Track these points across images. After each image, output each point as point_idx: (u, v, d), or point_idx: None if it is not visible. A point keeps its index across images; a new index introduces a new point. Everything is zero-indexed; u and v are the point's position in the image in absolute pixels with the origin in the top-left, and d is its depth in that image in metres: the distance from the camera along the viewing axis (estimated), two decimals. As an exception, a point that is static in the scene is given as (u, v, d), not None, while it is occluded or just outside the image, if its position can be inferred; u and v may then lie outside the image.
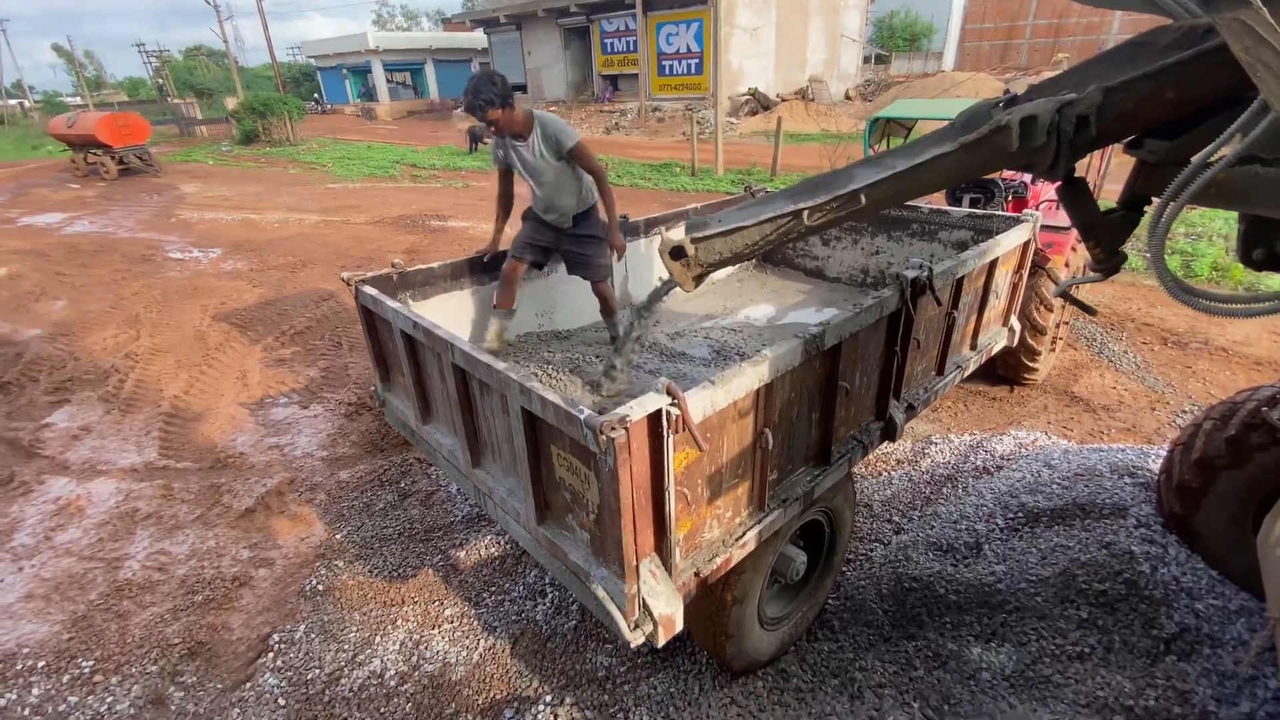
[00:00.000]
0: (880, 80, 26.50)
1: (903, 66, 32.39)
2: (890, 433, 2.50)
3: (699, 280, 1.88)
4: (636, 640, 1.61)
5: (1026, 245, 3.21)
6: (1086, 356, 5.59)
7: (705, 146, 14.47)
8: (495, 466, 2.11)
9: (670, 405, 1.47)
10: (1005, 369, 4.80)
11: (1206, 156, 1.32)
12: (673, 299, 4.39)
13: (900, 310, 2.26)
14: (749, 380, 1.68)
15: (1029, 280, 3.72)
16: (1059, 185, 1.72)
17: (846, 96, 24.72)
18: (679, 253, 1.76)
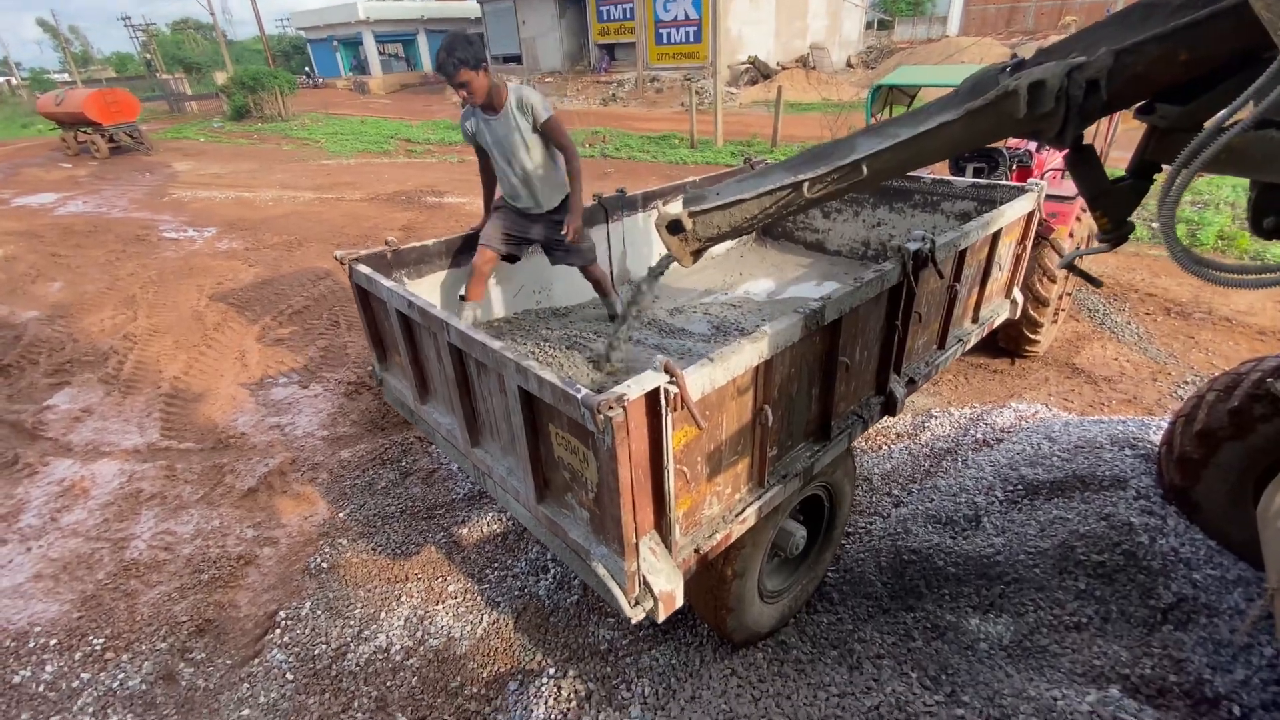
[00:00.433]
0: (883, 47, 25.93)
1: (906, 32, 31.66)
2: (890, 407, 2.49)
3: (697, 255, 1.85)
4: (637, 616, 1.62)
5: (1031, 215, 3.16)
6: (1089, 328, 5.56)
7: (704, 117, 14.21)
8: (494, 445, 2.10)
9: (668, 383, 1.46)
10: (1006, 341, 4.78)
11: (1221, 121, 1.28)
12: (672, 275, 4.35)
13: (901, 283, 2.22)
14: (748, 357, 1.66)
15: (1032, 251, 3.67)
16: (1066, 153, 1.68)
17: (848, 64, 24.21)
18: (676, 227, 1.72)
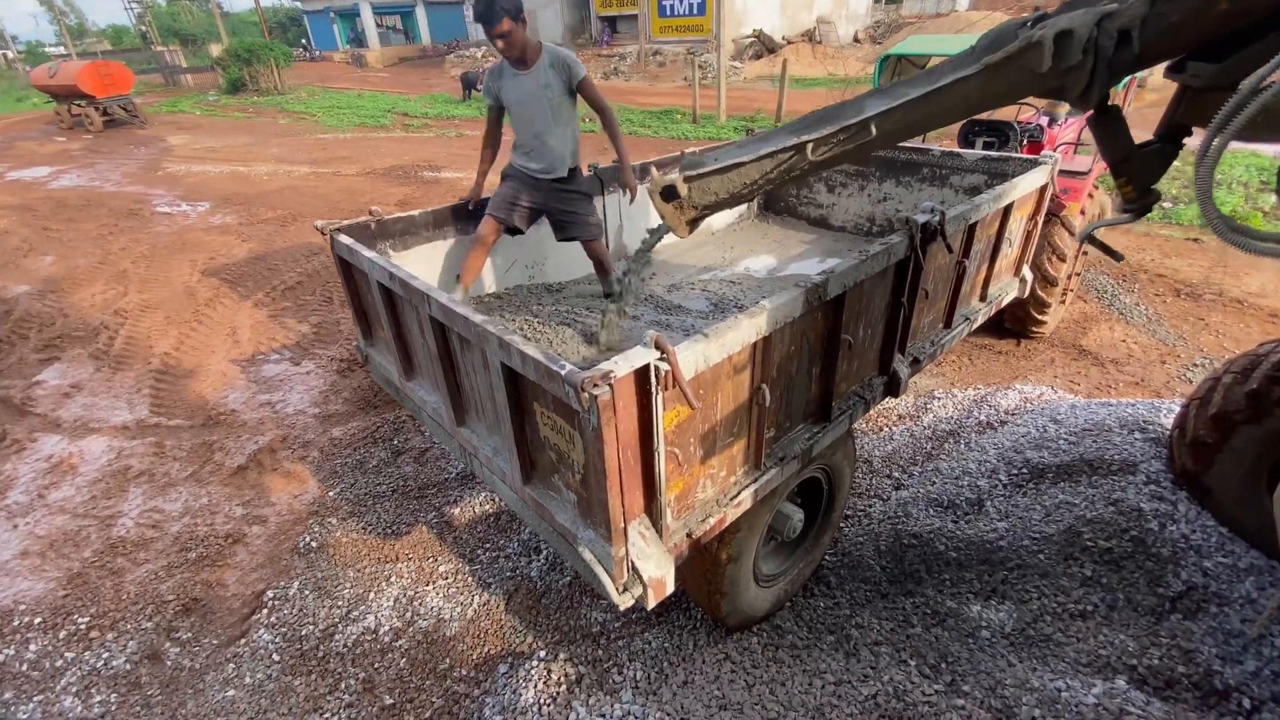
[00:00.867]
0: (891, 21, 25.34)
1: (915, 6, 30.91)
2: (894, 388, 2.40)
3: (693, 225, 1.74)
4: (625, 603, 1.55)
5: (1044, 190, 3.04)
6: (1096, 309, 5.45)
7: (707, 92, 13.92)
8: (480, 425, 2.02)
9: (659, 360, 1.36)
10: (1012, 321, 4.67)
11: (1259, 81, 1.16)
12: (670, 250, 4.23)
13: (909, 258, 2.12)
14: (745, 333, 1.56)
15: (1042, 229, 3.55)
16: (1090, 116, 1.56)
17: (855, 39, 23.68)
18: (670, 194, 1.61)
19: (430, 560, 3.15)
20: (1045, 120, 5.48)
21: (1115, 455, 2.72)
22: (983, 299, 3.00)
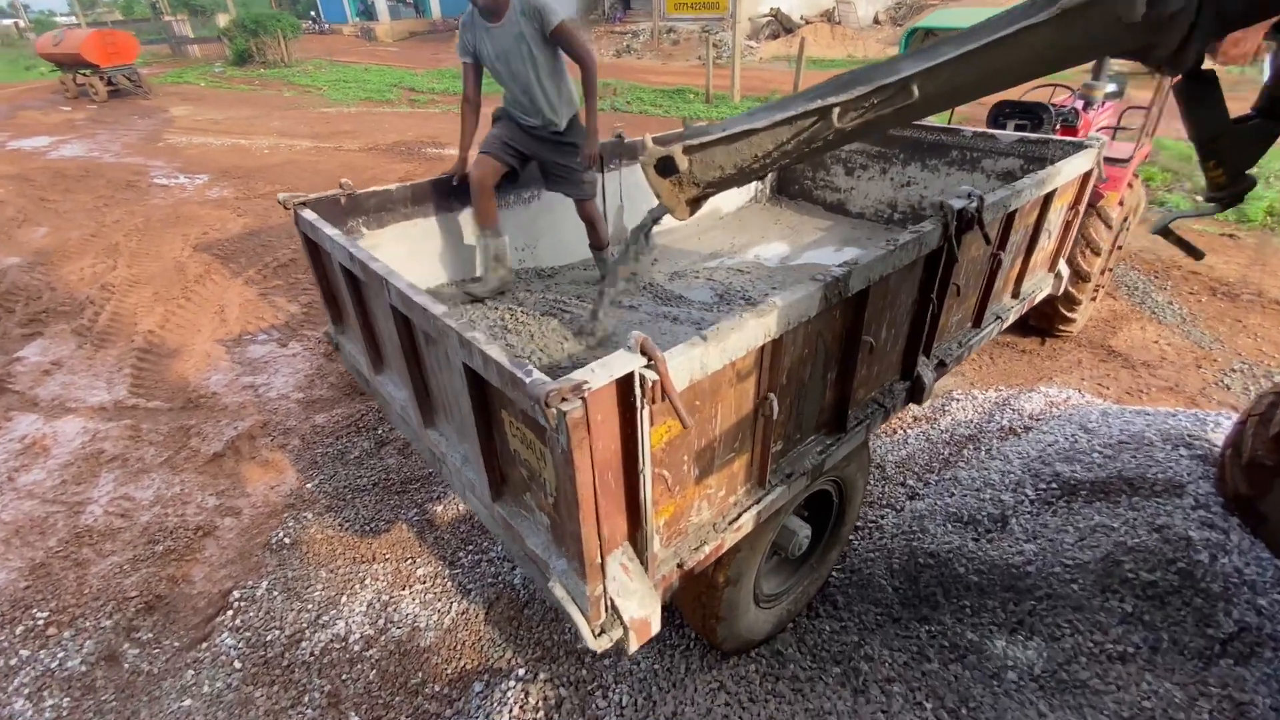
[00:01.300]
0: (913, 3, 24.57)
1: (939, -12, 29.96)
2: (917, 394, 2.15)
3: (695, 206, 1.49)
4: (601, 647, 1.33)
5: (1087, 176, 2.75)
6: (1127, 307, 5.15)
7: (721, 72, 13.49)
8: (449, 428, 1.79)
9: (645, 368, 1.12)
10: (1038, 319, 4.38)
11: None
12: (672, 233, 3.95)
13: (941, 249, 1.85)
14: (751, 335, 1.32)
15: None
16: (1178, 84, 1.29)
17: (875, 20, 22.98)
18: (668, 168, 1.36)
19: (408, 562, 2.95)
20: (1081, 103, 5.15)
21: (1158, 474, 2.47)
22: (1015, 295, 2.73)
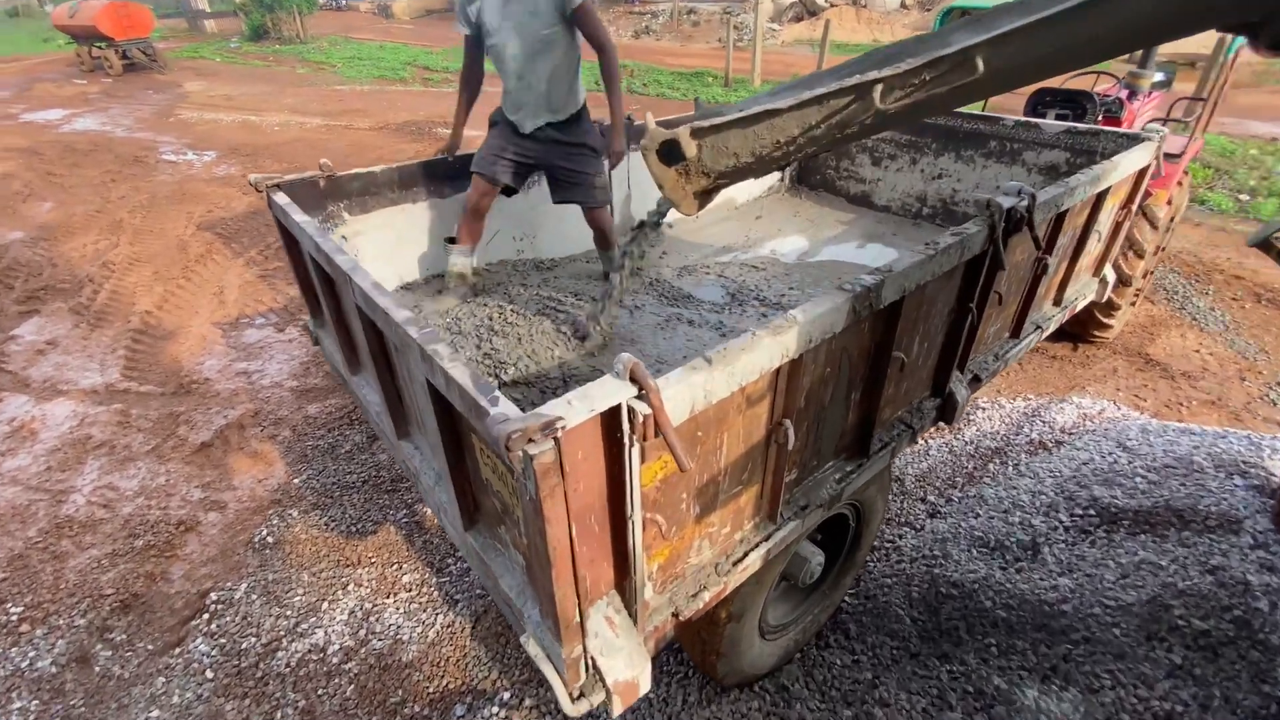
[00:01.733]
0: (944, -14, 23.79)
1: (970, -29, 29.04)
2: (948, 413, 1.94)
3: (704, 199, 1.28)
4: (579, 712, 1.15)
5: (1143, 173, 2.49)
6: (1165, 312, 4.86)
7: (742, 55, 13.11)
8: (423, 441, 1.61)
9: (636, 398, 0.93)
10: (1072, 323, 4.10)
11: None
12: (681, 225, 3.71)
13: (985, 253, 1.63)
14: (766, 356, 1.12)
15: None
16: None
17: (903, 4, 22.27)
18: (673, 154, 1.15)
19: (394, 567, 2.80)
20: (1125, 93, 4.82)
21: (1211, 506, 2.24)
22: (1057, 303, 2.49)
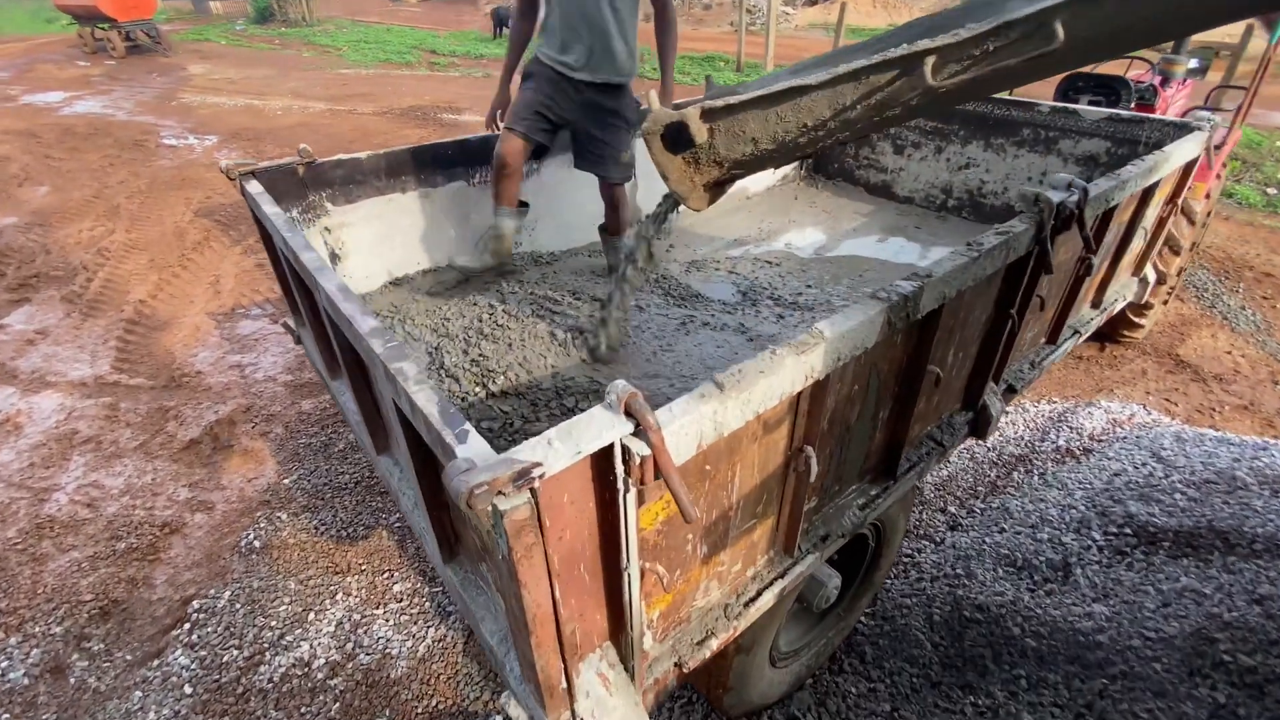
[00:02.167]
0: (961, -30, 23.21)
1: (989, -45, 28.30)
2: (981, 427, 1.77)
3: (715, 192, 1.11)
4: (567, 782, 1.00)
5: (1191, 165, 2.29)
6: (1195, 311, 4.65)
7: (755, 39, 12.81)
8: (402, 457, 1.46)
9: (632, 435, 0.77)
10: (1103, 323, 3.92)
11: None
12: (689, 215, 3.53)
13: (1030, 254, 1.45)
14: (788, 379, 0.95)
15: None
16: None
17: (921, -12, 21.72)
18: (680, 139, 0.98)
19: (385, 575, 2.67)
20: (1159, 79, 4.59)
21: (1258, 528, 2.06)
22: (1095, 305, 2.31)
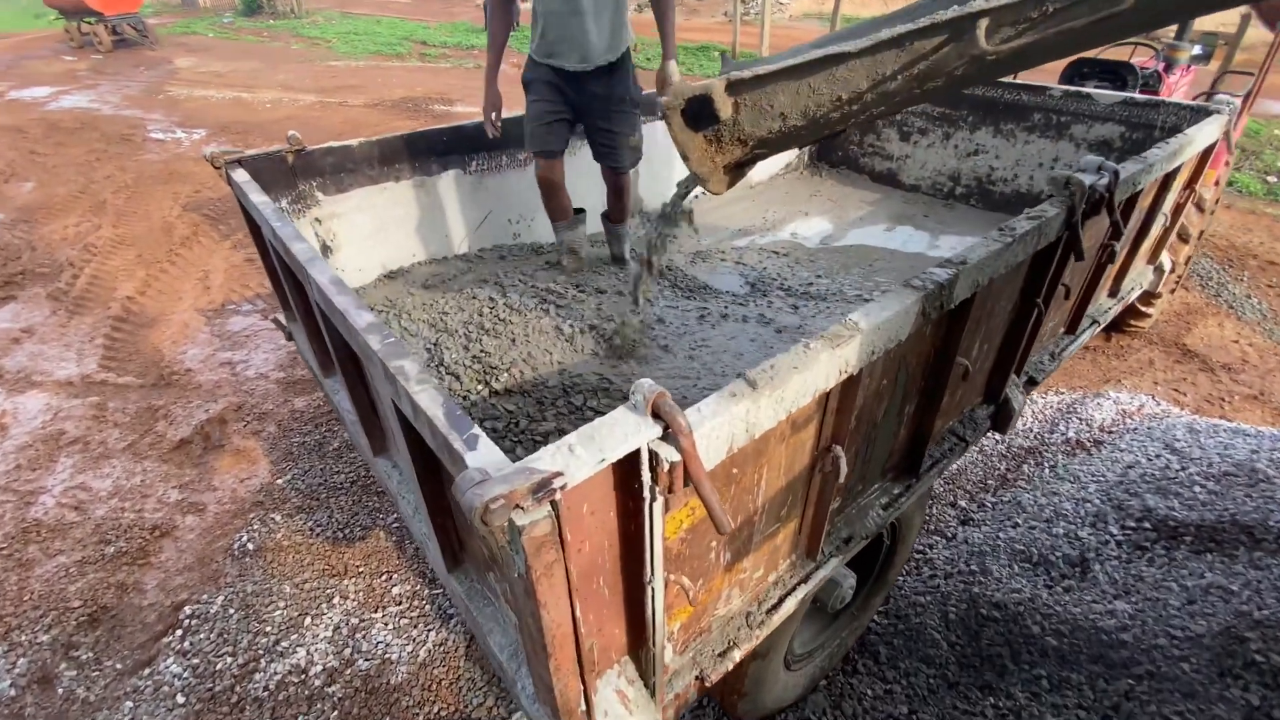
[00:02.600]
0: (956, -41, 23.07)
1: (983, -57, 28.16)
2: (1002, 421, 1.71)
3: (736, 174, 1.04)
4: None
5: (1209, 150, 2.23)
6: (1201, 300, 4.61)
7: (749, 29, 12.69)
8: (403, 461, 1.38)
9: (660, 439, 0.69)
10: (1109, 312, 3.87)
11: None
12: (693, 204, 3.45)
13: (1059, 239, 1.38)
14: (822, 375, 0.88)
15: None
16: None
17: (916, -23, 21.64)
18: (702, 114, 0.90)
19: (383, 578, 2.60)
20: (1163, 65, 4.53)
21: (1286, 521, 2.01)
22: (1113, 294, 2.24)
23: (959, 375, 1.31)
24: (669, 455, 0.69)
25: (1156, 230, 2.28)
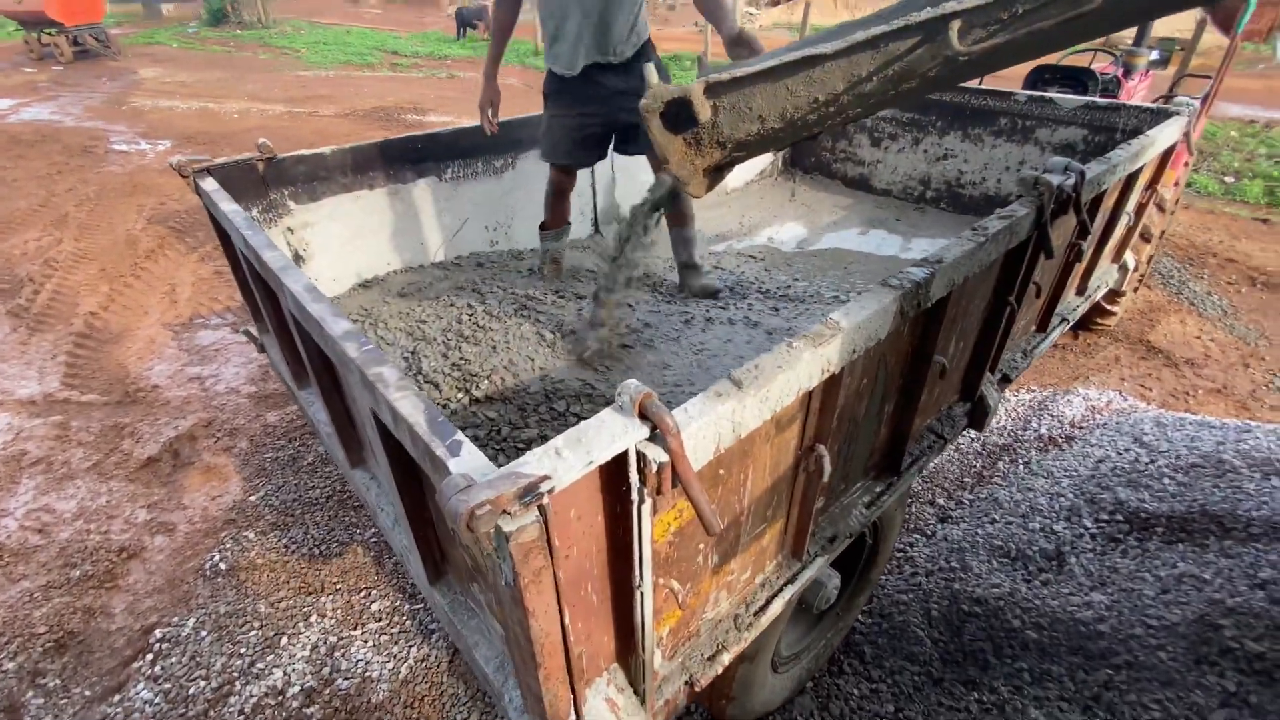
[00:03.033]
0: (921, -30, 23.67)
1: (946, -44, 28.96)
2: (978, 418, 1.74)
3: (716, 177, 1.04)
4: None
5: (1169, 151, 2.30)
6: (1163, 298, 4.76)
7: (720, 39, 12.84)
8: (382, 472, 1.36)
9: (648, 440, 0.69)
10: (1075, 312, 3.96)
11: None
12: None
13: (1029, 239, 1.42)
14: (804, 373, 0.89)
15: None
16: None
17: (882, -12, 22.16)
18: (681, 117, 0.91)
19: (361, 594, 2.54)
20: (1121, 71, 4.71)
21: (1252, 510, 2.07)
22: (1080, 292, 2.31)
23: (936, 373, 1.33)
24: (657, 456, 0.69)
25: (1120, 230, 2.35)
